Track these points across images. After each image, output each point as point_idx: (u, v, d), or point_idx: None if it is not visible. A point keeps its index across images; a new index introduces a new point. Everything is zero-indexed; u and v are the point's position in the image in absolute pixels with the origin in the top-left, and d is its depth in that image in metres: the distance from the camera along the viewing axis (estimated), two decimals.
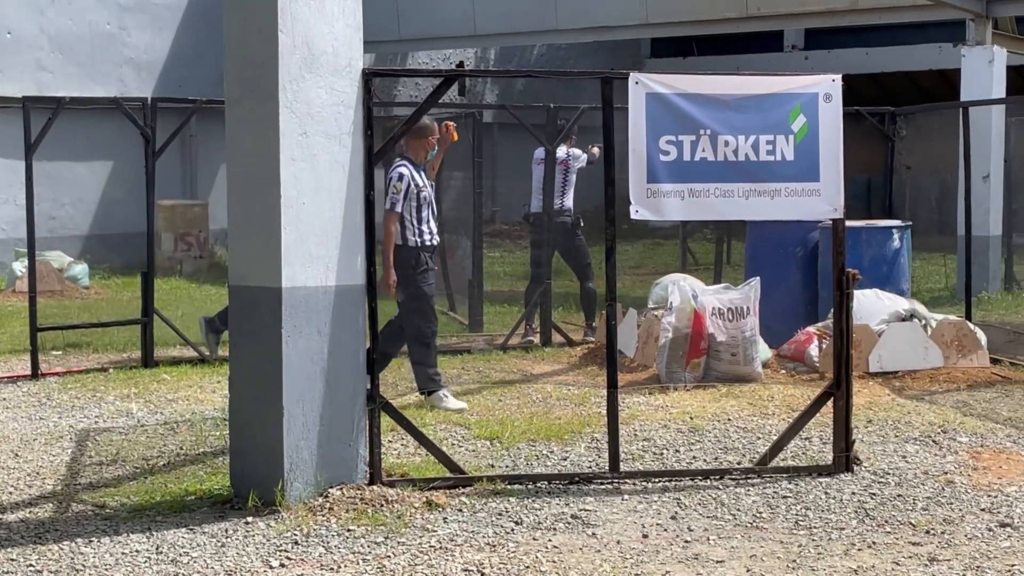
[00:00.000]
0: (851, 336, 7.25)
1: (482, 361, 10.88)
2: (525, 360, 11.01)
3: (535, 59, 25.88)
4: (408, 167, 8.88)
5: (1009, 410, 8.82)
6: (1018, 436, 8.01)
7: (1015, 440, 7.90)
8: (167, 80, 20.14)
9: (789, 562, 5.60)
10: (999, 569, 5.48)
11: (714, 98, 7.01)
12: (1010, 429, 8.21)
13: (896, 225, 11.47)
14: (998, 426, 8.31)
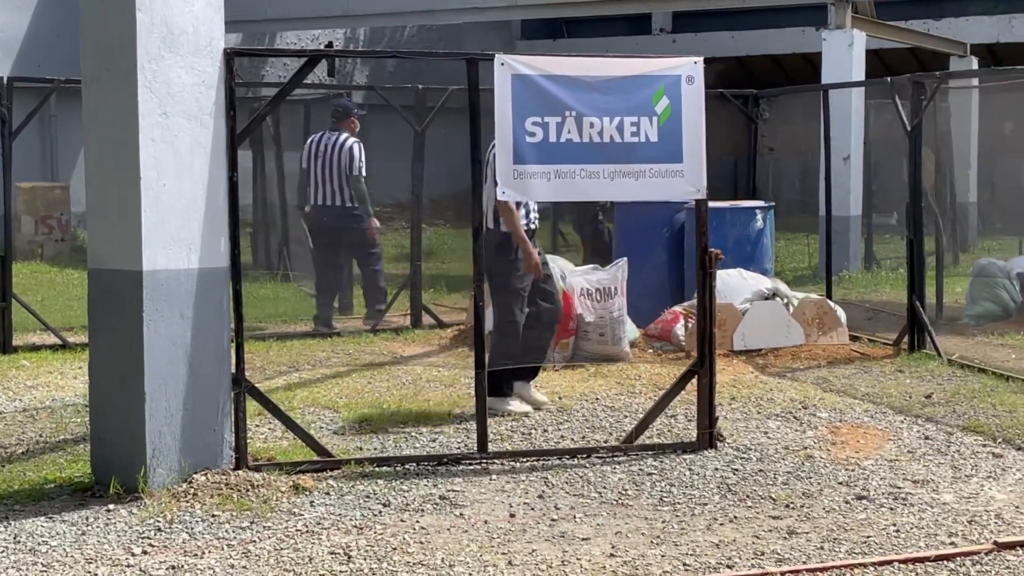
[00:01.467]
0: (714, 315, 7.37)
1: (352, 344, 10.83)
2: (396, 342, 10.99)
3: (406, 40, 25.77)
4: None
5: (867, 386, 9.06)
6: (875, 411, 8.23)
7: (872, 415, 8.11)
8: (25, 60, 19.60)
9: (653, 538, 5.69)
10: (855, 540, 5.64)
11: (579, 80, 7.05)
12: (868, 404, 8.44)
13: (759, 206, 11.69)
14: (856, 401, 8.53)
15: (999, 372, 9.33)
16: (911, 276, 10.49)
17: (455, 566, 5.30)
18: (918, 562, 5.30)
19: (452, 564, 5.32)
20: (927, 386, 8.99)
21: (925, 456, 7.10)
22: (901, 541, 5.62)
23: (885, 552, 5.46)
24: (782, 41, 24.87)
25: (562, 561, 5.37)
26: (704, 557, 5.42)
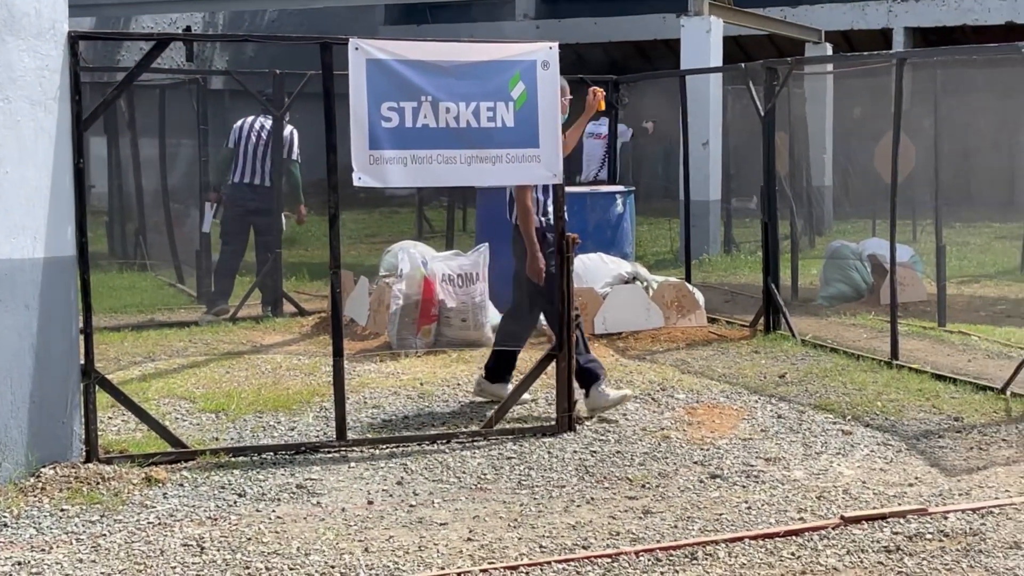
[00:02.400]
0: (572, 299, 7.43)
1: (210, 333, 10.67)
2: (255, 331, 10.87)
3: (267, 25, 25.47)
4: None
5: (724, 367, 9.22)
6: (731, 391, 8.38)
7: (728, 395, 8.26)
8: None
9: (511, 521, 5.72)
10: (708, 518, 5.74)
11: (435, 65, 7.04)
12: (724, 385, 8.59)
13: (619, 190, 11.82)
14: (713, 382, 8.68)
15: (850, 351, 9.58)
16: (766, 259, 10.72)
17: (311, 555, 5.27)
18: (768, 538, 5.42)
19: (308, 553, 5.29)
20: (781, 366, 9.18)
21: (778, 434, 7.25)
22: (752, 518, 5.74)
23: (737, 529, 5.58)
24: (643, 28, 25.14)
25: (419, 546, 5.37)
26: (560, 539, 5.47)
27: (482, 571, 5.05)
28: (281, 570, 5.09)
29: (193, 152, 13.65)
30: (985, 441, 7.02)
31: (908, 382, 8.46)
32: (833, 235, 16.89)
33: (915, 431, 7.26)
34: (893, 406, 7.82)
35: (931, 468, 6.52)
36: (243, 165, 11.64)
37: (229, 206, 11.80)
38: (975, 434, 7.16)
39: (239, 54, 24.17)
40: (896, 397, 8.05)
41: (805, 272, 13.16)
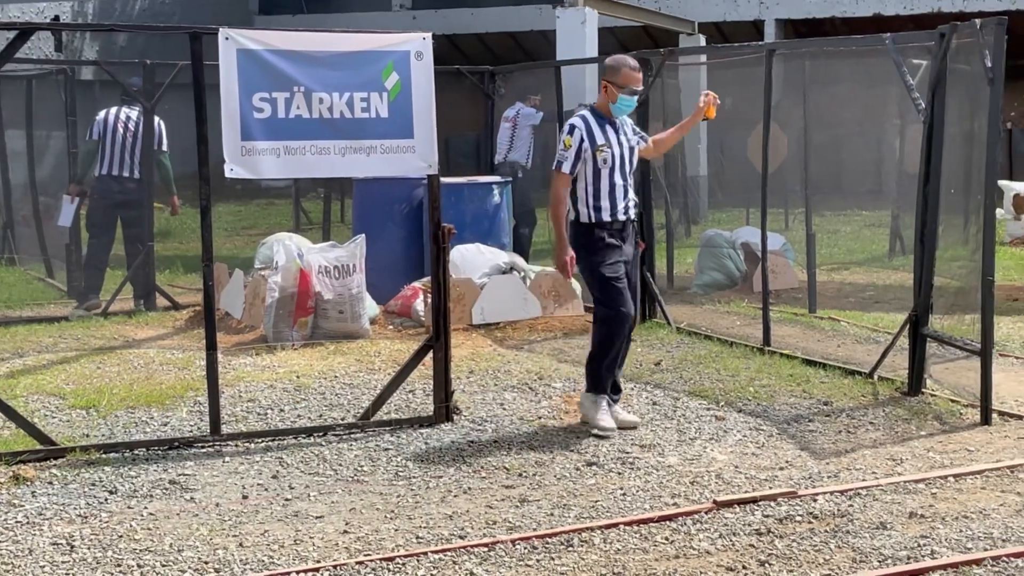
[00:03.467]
0: (448, 289, 7.44)
1: (81, 328, 10.47)
2: (127, 326, 10.68)
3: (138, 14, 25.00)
4: (587, 117, 7.10)
5: None
6: None
7: None
8: None
9: (388, 512, 5.71)
10: (584, 505, 5.80)
11: (308, 55, 7.00)
12: None
13: (496, 181, 11.85)
14: None
15: (724, 338, 9.74)
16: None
17: (184, 551, 5.20)
18: (642, 523, 5.49)
19: (181, 549, 5.23)
20: (657, 353, 9.30)
21: (653, 421, 7.35)
22: (627, 504, 5.81)
23: (612, 515, 5.64)
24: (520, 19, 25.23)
25: (295, 540, 5.34)
26: (437, 529, 5.48)
27: (358, 563, 5.03)
28: (153, 567, 5.02)
29: (62, 144, 13.37)
30: (853, 424, 7.19)
31: (780, 368, 8.63)
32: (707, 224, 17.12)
33: (786, 416, 7.41)
34: (765, 391, 7.97)
35: (801, 452, 6.66)
36: (110, 157, 11.43)
37: (96, 199, 11.59)
38: (844, 418, 7.33)
39: (109, 44, 23.68)
40: (768, 383, 8.20)
41: (680, 261, 13.34)
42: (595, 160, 7.03)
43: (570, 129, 7.03)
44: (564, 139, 7.01)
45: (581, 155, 7.00)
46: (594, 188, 7.07)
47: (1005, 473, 6.13)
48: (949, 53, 7.62)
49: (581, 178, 7.05)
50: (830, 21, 24.92)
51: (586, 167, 7.03)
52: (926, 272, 7.82)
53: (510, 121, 13.70)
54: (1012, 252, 15.40)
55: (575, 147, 6.99)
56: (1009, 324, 10.30)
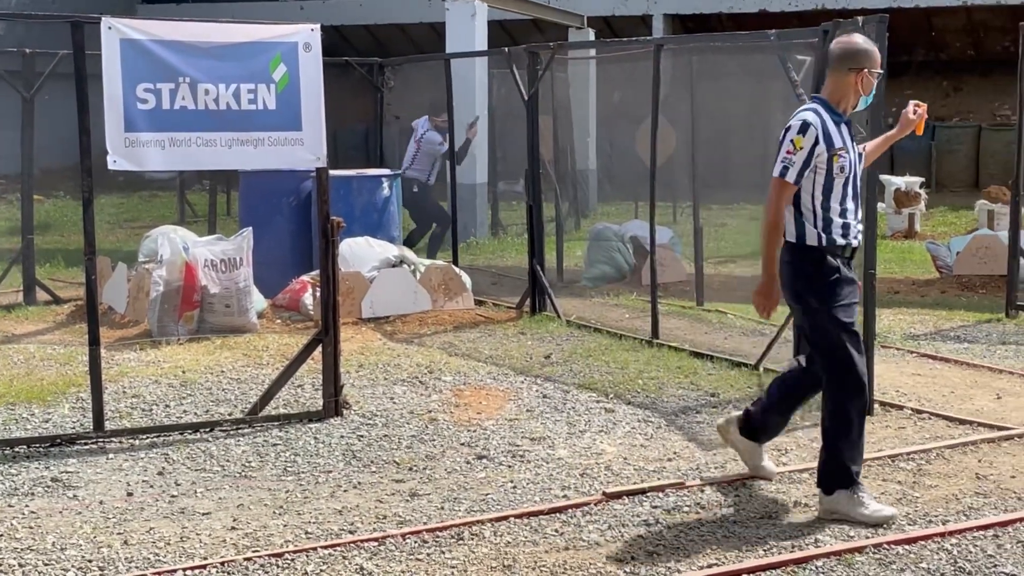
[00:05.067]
0: (338, 283, 7.41)
1: None
2: (7, 320, 10.46)
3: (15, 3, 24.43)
4: (820, 113, 5.55)
5: (490, 348, 9.35)
6: (498, 373, 8.50)
7: (495, 377, 8.38)
8: None
9: (276, 508, 5.68)
10: (474, 499, 5.82)
11: (193, 45, 6.92)
12: (491, 367, 8.70)
13: (386, 174, 11.82)
14: (480, 364, 8.78)
15: (613, 331, 9.84)
16: (532, 241, 10.90)
17: (67, 549, 5.12)
18: (533, 516, 5.53)
19: (64, 547, 5.14)
20: (547, 347, 9.36)
21: (543, 414, 7.39)
22: (518, 497, 5.85)
23: (503, 508, 5.66)
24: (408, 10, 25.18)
25: (181, 537, 5.28)
26: (327, 524, 5.46)
27: (246, 560, 5.00)
28: (35, 566, 4.93)
29: None
30: None
31: (668, 360, 8.74)
32: (597, 217, 17.27)
33: (674, 407, 7.51)
34: (654, 384, 8.06)
35: (689, 443, 6.76)
36: None
37: None
38: (731, 409, 7.43)
39: None
40: (656, 375, 8.30)
41: (570, 254, 13.43)
42: (830, 168, 5.48)
43: (802, 127, 5.46)
44: (793, 138, 5.45)
45: (812, 161, 5.45)
46: (825, 203, 5.51)
47: (886, 462, 6.29)
48: None
49: (806, 190, 5.51)
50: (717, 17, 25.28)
51: (816, 176, 5.49)
52: None
53: (416, 142, 13.70)
54: (893, 245, 15.77)
55: (807, 149, 5.43)
56: (890, 316, 10.55)
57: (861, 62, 5.55)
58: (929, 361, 8.86)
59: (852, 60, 5.55)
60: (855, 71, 5.54)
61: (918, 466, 6.22)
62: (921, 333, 9.96)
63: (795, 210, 5.52)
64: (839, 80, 5.57)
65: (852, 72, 5.54)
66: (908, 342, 9.54)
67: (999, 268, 11.63)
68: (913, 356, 9.00)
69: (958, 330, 10.09)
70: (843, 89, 5.57)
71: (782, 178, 5.45)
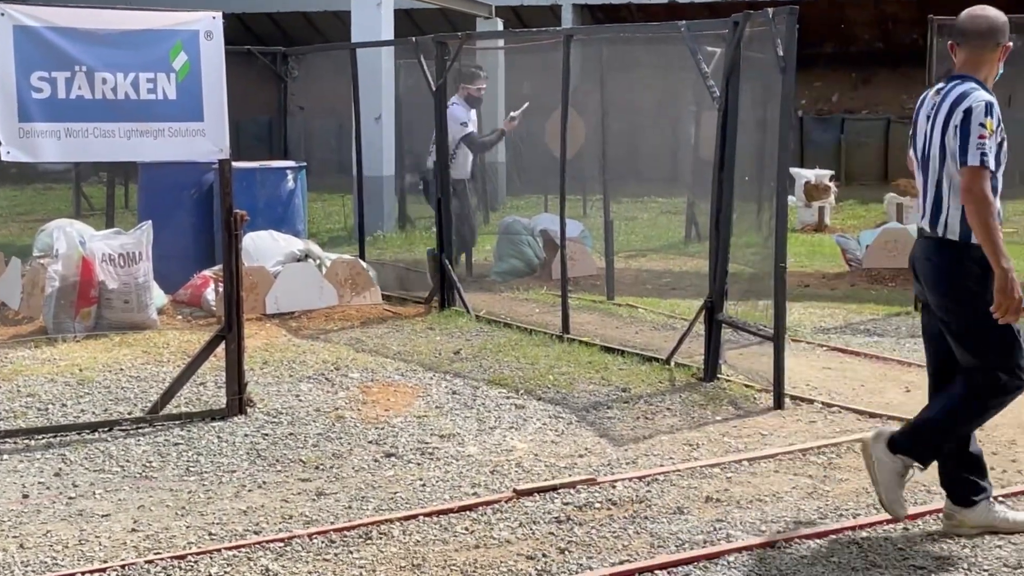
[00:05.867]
0: (241, 278, 7.35)
1: None
2: None
3: None
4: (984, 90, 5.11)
5: (398, 344, 9.33)
6: (406, 369, 8.49)
7: (403, 373, 8.37)
8: None
9: (178, 509, 5.63)
10: (383, 497, 5.82)
11: (90, 33, 6.84)
12: (399, 363, 8.69)
13: (290, 166, 11.75)
14: (388, 360, 8.77)
15: (523, 326, 9.87)
16: (440, 235, 10.89)
17: None
18: (442, 514, 5.54)
19: None
20: (456, 342, 9.37)
21: (452, 411, 7.41)
22: (427, 495, 5.85)
23: (412, 507, 5.67)
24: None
25: (80, 540, 5.22)
26: (231, 525, 5.42)
27: (147, 562, 4.95)
28: None
29: None
30: (651, 411, 7.38)
31: (579, 355, 8.79)
32: (506, 211, 17.29)
33: (585, 403, 7.56)
34: (564, 379, 8.11)
35: (600, 439, 6.81)
36: None
37: None
38: (642, 404, 7.52)
39: None
40: (567, 370, 8.35)
41: (479, 248, 13.44)
42: (998, 153, 5.05)
43: (987, 108, 4.97)
44: (983, 121, 4.93)
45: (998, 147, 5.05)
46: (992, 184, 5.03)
47: (797, 456, 6.39)
48: (743, 41, 7.88)
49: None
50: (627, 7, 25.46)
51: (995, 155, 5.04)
52: (721, 259, 8.08)
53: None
54: (803, 239, 16.02)
55: (997, 133, 5.02)
56: (801, 310, 10.71)
57: (1006, 36, 5.21)
58: (839, 355, 9.02)
59: (1001, 34, 5.17)
60: (1001, 46, 5.19)
61: (829, 460, 6.33)
62: (831, 327, 10.12)
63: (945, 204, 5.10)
64: (985, 56, 5.15)
65: (999, 48, 5.18)
66: (818, 336, 9.69)
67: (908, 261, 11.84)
68: (823, 350, 9.15)
69: (868, 323, 10.28)
70: (990, 65, 5.18)
71: (983, 167, 4.91)
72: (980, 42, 5.15)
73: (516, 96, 18.73)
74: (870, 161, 23.97)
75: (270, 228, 10.88)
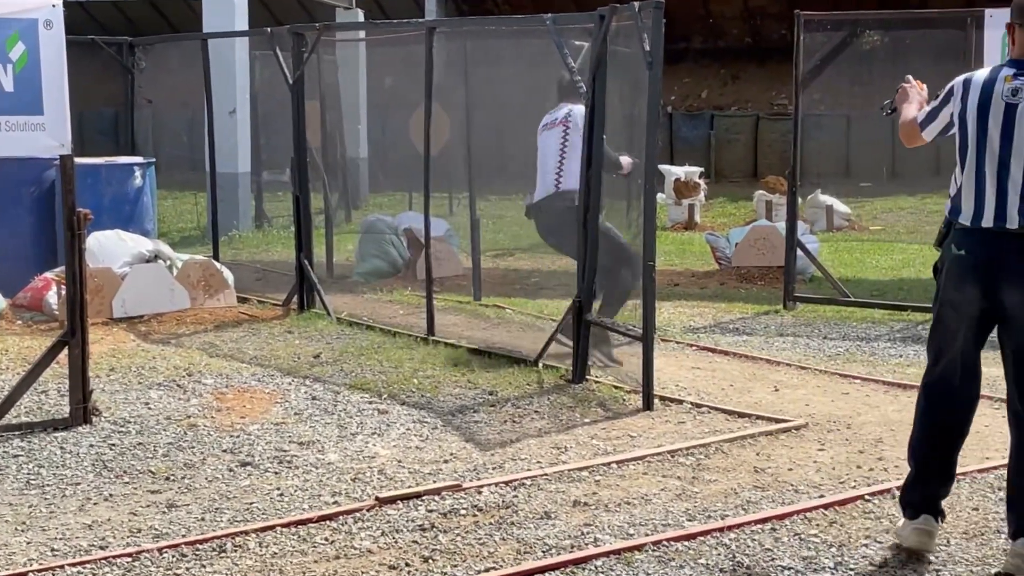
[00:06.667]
0: (85, 280, 7.21)
1: None
2: None
3: None
4: None
5: (255, 348, 9.25)
6: (263, 374, 8.42)
7: (260, 378, 8.29)
8: None
9: (18, 524, 5.50)
10: (238, 508, 5.75)
11: None
12: (255, 368, 8.61)
13: (138, 162, 11.56)
14: (244, 365, 8.68)
15: (387, 328, 9.85)
16: (299, 234, 10.83)
17: None
18: (301, 524, 5.49)
19: None
20: (316, 346, 9.31)
21: (312, 417, 7.35)
22: (285, 505, 5.80)
23: (269, 517, 5.61)
24: None
25: None
26: (75, 540, 5.31)
27: None
28: None
29: None
30: (518, 414, 7.42)
31: (444, 357, 8.80)
32: (369, 209, 17.25)
33: (451, 407, 7.57)
34: (429, 382, 8.11)
35: (466, 443, 6.82)
36: None
37: None
38: (509, 407, 7.55)
39: None
40: (432, 373, 8.35)
41: (340, 247, 13.39)
42: None
43: None
44: None
45: None
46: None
47: (666, 458, 6.48)
48: (609, 35, 7.96)
49: None
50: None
51: None
52: (590, 258, 8.15)
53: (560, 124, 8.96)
54: (673, 237, 16.25)
55: None
56: (670, 309, 10.86)
57: None
58: (708, 354, 9.16)
59: None
60: None
61: (698, 461, 6.43)
62: (701, 326, 10.28)
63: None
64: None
65: None
66: (688, 335, 9.84)
67: (777, 259, 12.10)
68: (693, 349, 9.29)
69: (737, 322, 10.47)
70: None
71: None
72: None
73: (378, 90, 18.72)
74: (740, 158, 24.39)
75: (117, 227, 10.69)
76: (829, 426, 7.10)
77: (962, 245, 4.90)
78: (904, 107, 5.45)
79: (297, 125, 10.77)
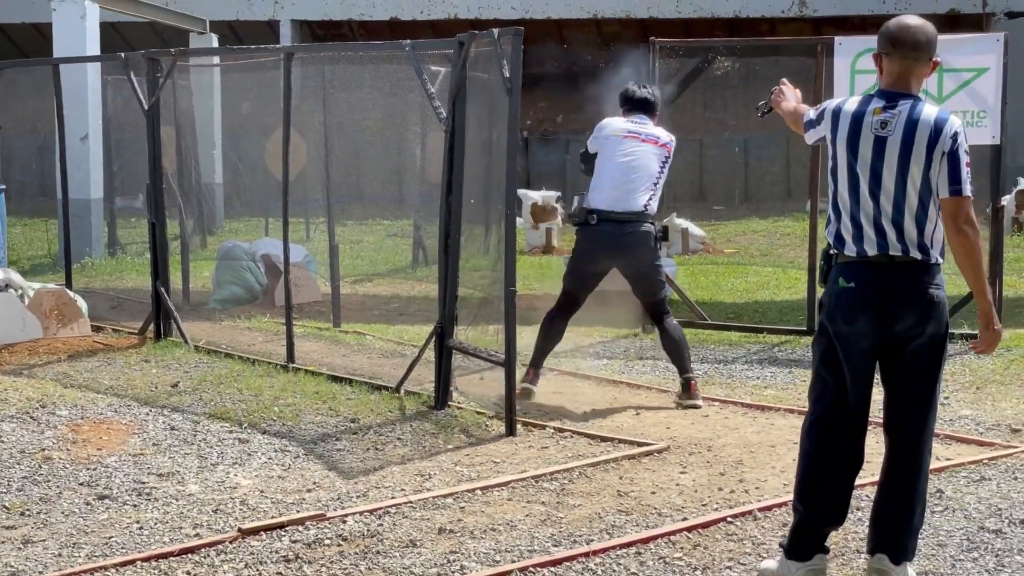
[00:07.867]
0: None
1: None
2: None
3: None
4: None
5: (111, 378, 9.05)
6: (120, 404, 8.24)
7: (116, 409, 8.12)
8: None
9: None
10: (96, 543, 5.62)
11: None
12: (111, 398, 8.43)
13: None
14: (100, 396, 8.50)
15: (246, 356, 9.72)
16: (155, 261, 10.63)
17: None
18: (162, 558, 5.39)
19: None
20: (174, 374, 9.15)
21: (171, 448, 7.22)
22: (145, 538, 5.68)
23: (128, 551, 5.49)
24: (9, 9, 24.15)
25: None
26: None
27: None
28: None
29: None
30: (381, 441, 7.37)
31: (305, 385, 8.71)
32: (225, 235, 17.05)
33: (313, 435, 7.50)
34: (290, 411, 8.02)
35: (329, 472, 6.76)
36: None
37: None
38: (372, 435, 7.50)
39: None
40: (293, 401, 8.26)
41: (197, 274, 13.20)
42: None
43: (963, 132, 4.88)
44: (967, 148, 4.83)
45: None
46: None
47: (530, 483, 6.49)
48: (468, 61, 7.99)
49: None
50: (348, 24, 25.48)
51: None
52: (450, 283, 8.15)
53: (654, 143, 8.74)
54: (532, 261, 16.33)
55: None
56: (531, 334, 10.85)
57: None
58: (570, 378, 9.22)
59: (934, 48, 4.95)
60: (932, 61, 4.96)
61: (561, 485, 6.46)
62: (561, 350, 10.31)
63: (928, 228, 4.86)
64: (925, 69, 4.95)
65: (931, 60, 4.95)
66: (549, 360, 9.86)
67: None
68: (554, 374, 9.34)
69: (597, 346, 10.56)
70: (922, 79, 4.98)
71: (968, 196, 4.81)
72: (927, 55, 4.91)
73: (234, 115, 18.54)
74: None
75: None
76: (690, 449, 7.19)
77: (850, 277, 4.90)
78: (783, 104, 5.59)
79: (153, 151, 10.59)
